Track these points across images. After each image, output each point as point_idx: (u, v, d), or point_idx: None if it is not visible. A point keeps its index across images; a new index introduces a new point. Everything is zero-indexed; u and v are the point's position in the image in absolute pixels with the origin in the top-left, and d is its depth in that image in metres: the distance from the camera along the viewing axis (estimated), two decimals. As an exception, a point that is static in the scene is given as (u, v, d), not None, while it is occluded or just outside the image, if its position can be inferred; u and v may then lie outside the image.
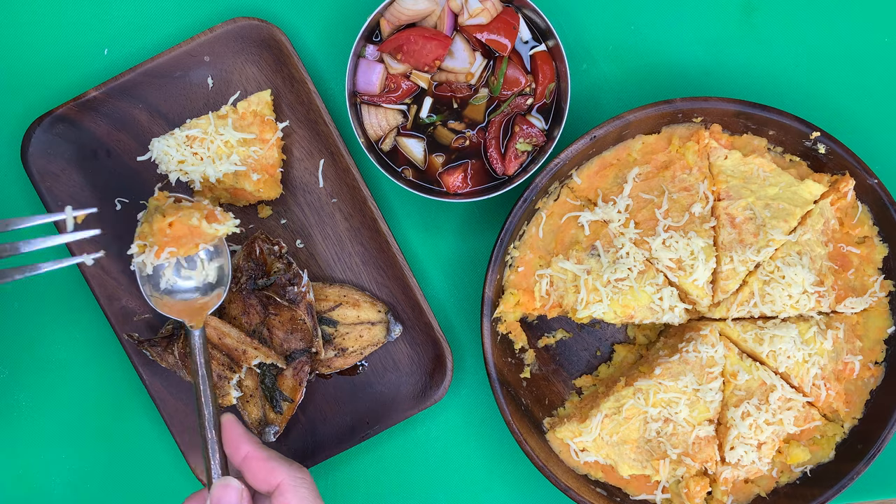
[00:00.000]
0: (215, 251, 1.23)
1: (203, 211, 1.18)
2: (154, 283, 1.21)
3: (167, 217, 1.15)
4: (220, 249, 1.23)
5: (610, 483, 1.28)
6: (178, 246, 1.17)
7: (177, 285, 1.22)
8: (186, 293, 1.22)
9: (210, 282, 1.23)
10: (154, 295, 1.21)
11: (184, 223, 1.16)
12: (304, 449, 1.32)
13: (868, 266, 1.26)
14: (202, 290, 1.22)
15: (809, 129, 1.23)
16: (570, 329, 1.33)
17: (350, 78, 1.23)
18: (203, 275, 1.22)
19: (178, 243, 1.17)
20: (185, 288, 1.22)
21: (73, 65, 1.34)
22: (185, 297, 1.22)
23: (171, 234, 1.16)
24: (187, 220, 1.16)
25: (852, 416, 1.26)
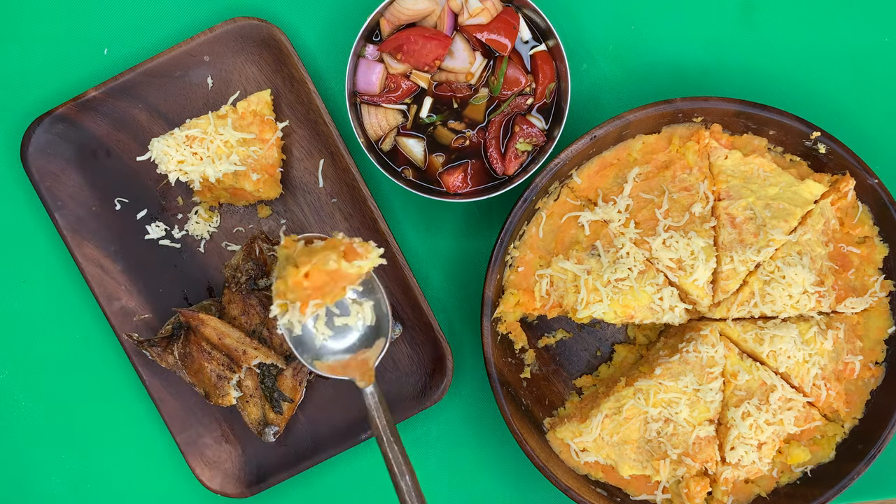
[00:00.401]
0: (366, 288, 1.12)
1: (340, 248, 1.03)
2: (307, 344, 1.12)
3: (301, 268, 1.00)
4: (369, 285, 1.13)
5: (610, 483, 1.28)
6: (321, 295, 1.02)
7: (332, 339, 1.12)
8: (345, 346, 1.12)
9: (369, 325, 1.12)
10: (311, 358, 1.12)
11: (321, 270, 1.01)
12: (304, 449, 1.32)
13: (868, 266, 1.26)
14: (363, 338, 1.12)
15: (810, 129, 1.23)
16: (571, 329, 1.33)
17: (350, 78, 1.23)
18: (358, 319, 1.12)
19: (320, 293, 1.02)
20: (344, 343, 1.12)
21: (72, 65, 1.34)
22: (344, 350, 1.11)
23: (309, 286, 1.01)
24: (323, 266, 1.00)
25: (853, 416, 1.26)
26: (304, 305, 1.02)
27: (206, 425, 1.31)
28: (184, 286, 1.32)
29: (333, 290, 1.03)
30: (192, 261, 1.32)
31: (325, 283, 1.02)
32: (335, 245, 1.03)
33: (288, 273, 1.01)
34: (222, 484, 1.30)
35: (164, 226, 1.31)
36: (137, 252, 1.31)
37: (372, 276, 1.12)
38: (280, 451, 1.32)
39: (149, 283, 1.31)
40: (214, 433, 1.32)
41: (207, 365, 1.24)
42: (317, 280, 1.01)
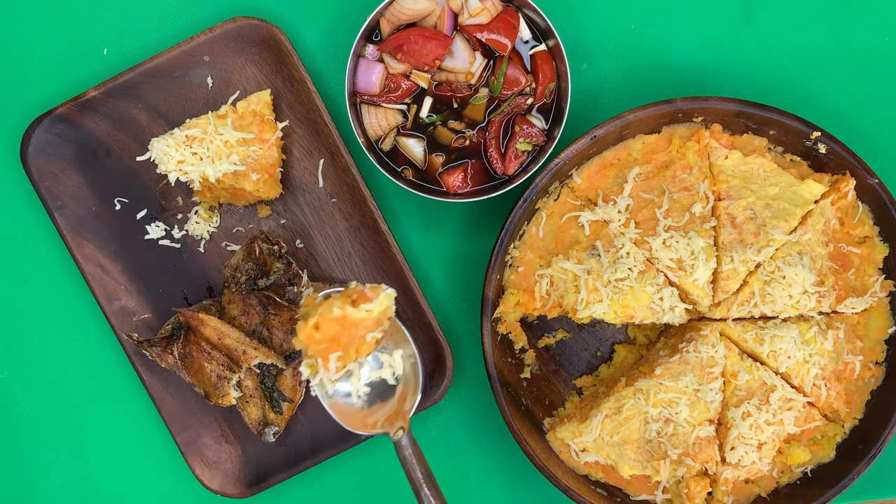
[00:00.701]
0: (393, 339, 1.10)
1: (350, 297, 1.00)
2: (345, 402, 1.09)
3: (309, 320, 0.99)
4: (397, 335, 1.10)
5: (610, 483, 1.28)
6: (340, 347, 1.01)
7: (370, 395, 1.09)
8: (382, 399, 1.09)
9: (402, 373, 1.09)
10: (344, 413, 1.08)
11: (328, 319, 0.99)
12: (304, 449, 1.31)
13: (868, 266, 1.26)
14: (396, 387, 1.10)
15: (810, 129, 1.23)
16: (571, 329, 1.33)
17: (350, 77, 1.23)
18: (391, 372, 1.09)
19: (338, 345, 1.01)
20: (381, 397, 1.09)
21: (72, 64, 1.34)
22: (379, 404, 1.09)
23: (322, 338, 1.00)
24: (329, 314, 0.99)
25: (853, 416, 1.26)
26: (325, 360, 1.00)
27: (205, 425, 1.31)
28: (184, 286, 1.32)
29: (352, 340, 1.01)
30: (191, 261, 1.32)
31: (338, 333, 1.00)
32: (348, 294, 1.02)
33: (298, 328, 1.00)
34: (222, 484, 1.30)
35: (163, 226, 1.31)
36: (137, 252, 1.31)
37: (396, 323, 1.09)
38: (280, 451, 1.32)
39: (149, 283, 1.31)
40: (214, 433, 1.32)
41: (207, 365, 1.24)
42: (328, 330, 1.00)
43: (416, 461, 1.04)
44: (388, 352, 1.10)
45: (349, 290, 1.01)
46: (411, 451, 1.04)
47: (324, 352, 1.00)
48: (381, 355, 1.10)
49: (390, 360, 1.09)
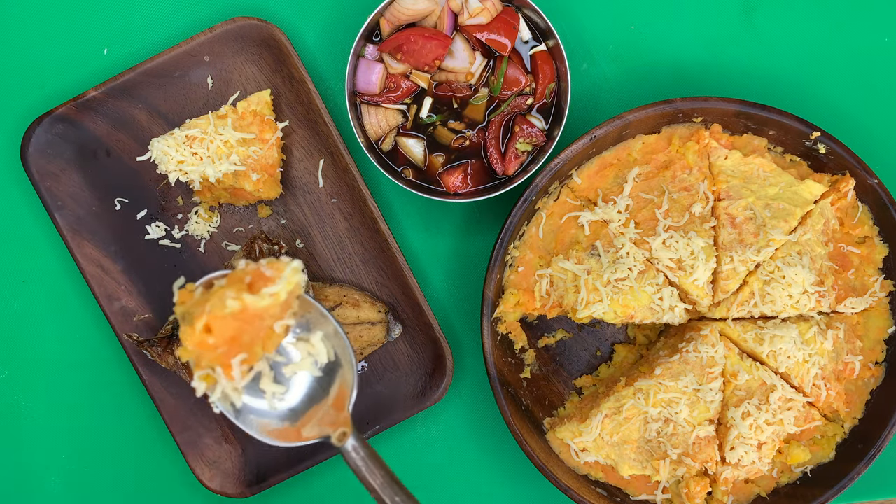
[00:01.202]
0: (306, 320, 0.89)
1: (244, 279, 0.81)
2: (258, 415, 0.89)
3: (196, 322, 0.79)
4: (309, 314, 0.89)
5: (610, 483, 1.27)
6: (243, 348, 0.81)
7: (292, 396, 0.88)
8: (306, 398, 0.89)
9: (328, 361, 0.89)
10: (268, 428, 0.88)
11: (221, 317, 0.79)
12: (304, 450, 1.31)
13: (868, 266, 1.26)
14: (325, 379, 0.90)
15: (809, 129, 1.23)
16: (571, 329, 1.33)
17: (350, 78, 1.23)
18: (312, 362, 0.89)
19: (239, 345, 0.81)
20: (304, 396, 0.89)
21: (72, 64, 1.33)
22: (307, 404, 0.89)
23: (219, 341, 0.80)
24: (221, 311, 0.79)
25: (852, 416, 1.26)
26: (227, 368, 0.80)
27: (206, 425, 1.31)
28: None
29: (256, 335, 0.81)
30: (192, 261, 1.32)
31: (237, 331, 0.79)
32: (238, 278, 0.81)
33: (183, 335, 0.78)
34: (222, 484, 1.30)
35: (164, 226, 1.31)
36: (137, 252, 1.31)
37: (306, 300, 0.88)
38: (280, 451, 1.31)
39: (149, 283, 1.31)
40: (214, 433, 1.32)
41: (207, 365, 1.24)
42: (224, 331, 0.79)
43: (370, 466, 0.88)
44: (303, 337, 0.90)
45: (238, 273, 0.81)
46: (363, 456, 0.88)
47: (222, 358, 0.80)
48: (296, 344, 0.89)
49: (308, 348, 0.89)
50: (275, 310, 0.82)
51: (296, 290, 0.84)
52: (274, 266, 0.82)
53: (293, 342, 0.90)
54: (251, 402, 0.89)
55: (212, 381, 0.83)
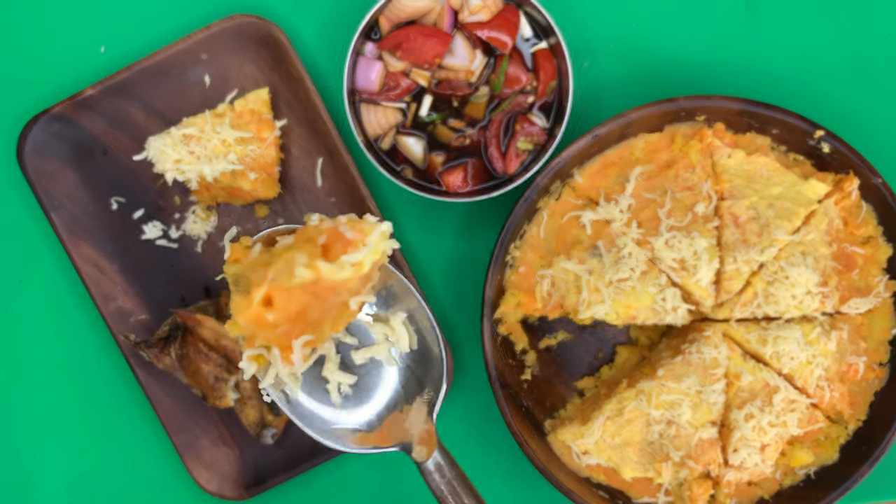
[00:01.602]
0: (388, 294, 0.72)
1: (318, 240, 0.64)
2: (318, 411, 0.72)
3: (254, 292, 0.63)
4: (393, 287, 0.72)
5: (612, 486, 1.27)
6: (310, 329, 0.64)
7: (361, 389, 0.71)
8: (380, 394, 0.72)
9: (410, 350, 0.73)
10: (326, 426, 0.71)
11: (287, 289, 0.62)
12: (303, 451, 1.31)
13: (872, 266, 1.26)
14: (405, 375, 0.72)
15: (813, 128, 1.23)
16: (572, 330, 1.32)
17: (349, 76, 1.22)
18: (389, 348, 0.73)
19: (304, 324, 0.64)
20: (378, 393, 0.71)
21: (69, 62, 1.33)
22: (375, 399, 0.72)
23: (280, 318, 0.64)
24: (286, 281, 0.63)
25: (856, 417, 1.26)
26: (286, 351, 0.65)
27: (203, 427, 1.31)
28: (181, 287, 1.31)
29: (328, 313, 0.65)
30: (189, 261, 1.31)
31: (306, 307, 0.64)
32: (309, 238, 0.65)
33: (236, 306, 0.64)
34: (220, 486, 1.30)
35: (161, 225, 1.31)
36: (134, 252, 1.31)
37: (390, 271, 0.72)
38: (278, 453, 1.31)
39: (145, 284, 1.31)
40: (212, 435, 1.31)
41: (205, 366, 1.24)
42: (288, 306, 0.63)
43: (457, 492, 0.69)
44: (380, 316, 0.72)
45: (309, 230, 0.64)
46: (449, 478, 0.69)
47: (282, 338, 0.64)
48: (371, 324, 0.72)
49: (386, 330, 0.72)
50: (353, 283, 0.64)
51: (381, 260, 0.67)
52: (357, 227, 0.65)
53: (368, 320, 0.72)
54: (309, 391, 0.72)
55: (264, 361, 0.66)
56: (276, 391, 0.73)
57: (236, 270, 0.67)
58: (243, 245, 0.69)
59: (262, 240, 0.70)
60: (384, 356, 0.75)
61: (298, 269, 0.63)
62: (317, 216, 0.69)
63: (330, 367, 0.73)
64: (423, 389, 0.76)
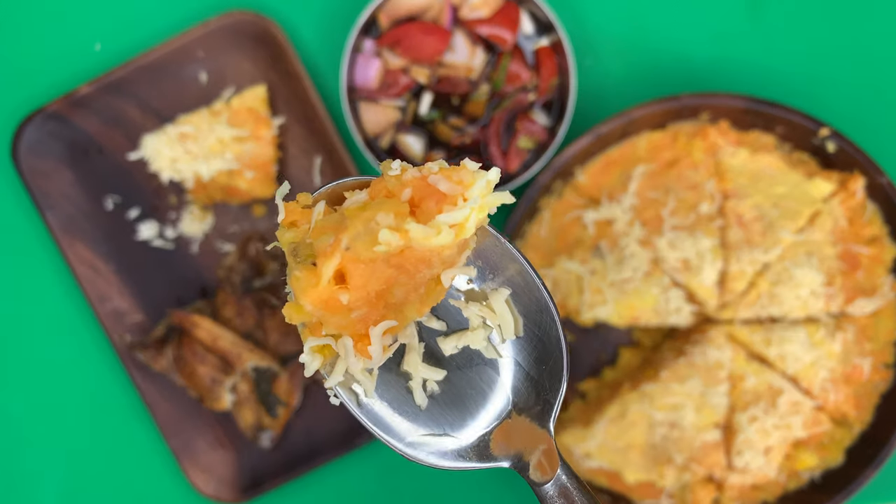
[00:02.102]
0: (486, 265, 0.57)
1: (400, 194, 0.52)
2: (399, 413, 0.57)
3: (323, 265, 0.50)
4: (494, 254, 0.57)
5: (615, 489, 1.26)
6: (393, 312, 0.53)
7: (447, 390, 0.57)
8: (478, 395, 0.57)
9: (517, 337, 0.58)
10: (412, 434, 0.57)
11: (364, 261, 0.50)
12: (301, 454, 1.30)
13: (878, 266, 1.25)
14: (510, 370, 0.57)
15: (818, 126, 1.22)
16: (574, 332, 1.31)
17: (347, 73, 1.21)
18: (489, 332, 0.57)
19: (386, 306, 0.53)
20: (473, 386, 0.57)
21: (64, 61, 1.32)
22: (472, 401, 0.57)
23: (357, 299, 0.51)
24: (367, 250, 0.50)
25: (862, 419, 1.25)
26: (361, 341, 0.53)
27: (199, 430, 1.30)
28: (177, 287, 1.30)
29: (415, 291, 0.53)
30: (185, 261, 1.30)
31: (390, 284, 0.51)
32: (390, 191, 0.52)
33: (299, 283, 0.51)
34: (217, 489, 1.29)
35: (156, 225, 1.30)
36: (130, 252, 1.30)
37: (486, 232, 0.57)
38: (275, 455, 1.30)
39: (141, 284, 1.30)
40: (208, 438, 1.30)
41: (201, 368, 1.23)
42: (367, 283, 0.50)
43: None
44: (474, 293, 0.57)
45: (389, 182, 0.51)
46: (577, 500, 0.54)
47: (356, 325, 0.52)
48: (463, 303, 0.57)
49: (484, 311, 0.56)
50: (448, 250, 0.52)
51: (484, 220, 0.54)
52: (453, 176, 0.51)
53: (459, 298, 0.57)
54: (385, 389, 0.58)
55: (330, 353, 0.54)
56: (345, 390, 0.58)
57: (294, 237, 0.53)
58: (301, 204, 0.55)
59: (326, 196, 0.55)
60: (481, 345, 0.58)
61: (383, 232, 0.49)
62: (398, 163, 0.54)
63: (413, 358, 0.58)
64: (535, 388, 0.59)
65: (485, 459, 0.59)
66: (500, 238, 0.58)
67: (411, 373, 0.58)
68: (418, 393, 0.58)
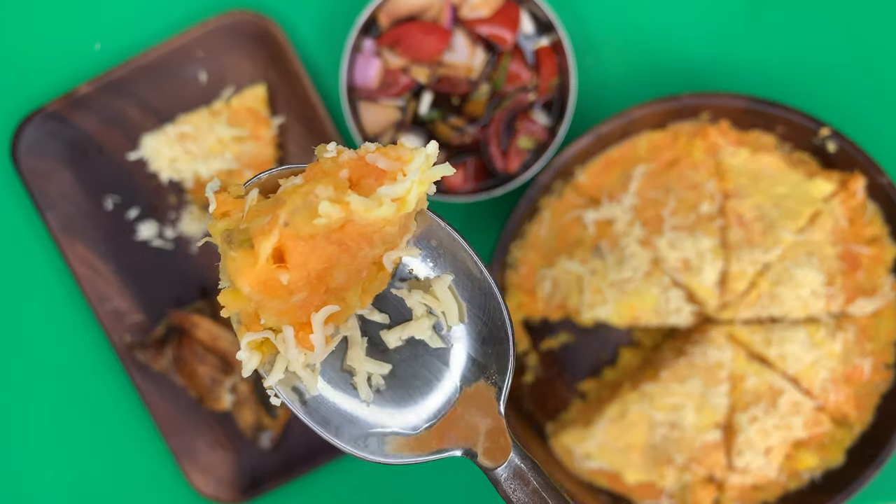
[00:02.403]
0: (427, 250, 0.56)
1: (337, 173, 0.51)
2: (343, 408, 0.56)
3: (259, 242, 0.48)
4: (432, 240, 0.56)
5: (615, 490, 1.26)
6: (334, 297, 0.51)
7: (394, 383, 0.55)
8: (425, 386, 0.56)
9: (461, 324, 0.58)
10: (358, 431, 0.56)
11: (304, 237, 0.49)
12: (300, 455, 1.30)
13: (878, 266, 1.25)
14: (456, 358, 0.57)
15: (818, 126, 1.21)
16: (574, 332, 1.31)
17: (347, 73, 1.21)
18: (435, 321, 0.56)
19: (327, 290, 0.50)
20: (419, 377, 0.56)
21: (63, 60, 1.31)
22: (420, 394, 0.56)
23: (296, 281, 0.49)
24: (306, 224, 0.49)
25: (862, 420, 1.25)
26: (302, 327, 0.50)
27: (199, 430, 1.30)
28: (176, 287, 1.30)
29: (356, 274, 0.50)
30: (184, 261, 1.30)
31: (331, 263, 0.49)
32: (326, 172, 0.51)
33: (235, 264, 0.48)
34: (216, 489, 1.29)
35: (156, 225, 1.30)
36: (129, 252, 1.30)
37: (427, 217, 0.56)
38: (275, 456, 1.30)
39: (141, 284, 1.30)
40: (208, 438, 1.30)
41: (201, 368, 1.23)
42: (308, 261, 0.48)
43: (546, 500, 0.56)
44: (416, 283, 0.56)
45: (325, 164, 0.50)
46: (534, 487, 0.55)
47: (296, 312, 0.49)
48: (405, 292, 0.56)
49: (428, 299, 0.56)
50: (390, 230, 0.50)
51: (423, 200, 0.53)
52: (391, 154, 0.50)
53: (401, 288, 0.56)
54: (330, 387, 0.56)
55: (269, 349, 0.52)
56: (286, 390, 0.55)
57: (227, 225, 0.51)
58: (233, 194, 0.52)
59: (259, 185, 0.54)
60: (426, 335, 0.57)
61: (323, 204, 0.47)
62: (333, 145, 0.53)
63: (356, 352, 0.56)
64: (483, 374, 0.58)
65: (435, 451, 0.58)
66: (441, 223, 0.58)
67: (355, 368, 0.56)
68: (363, 388, 0.56)
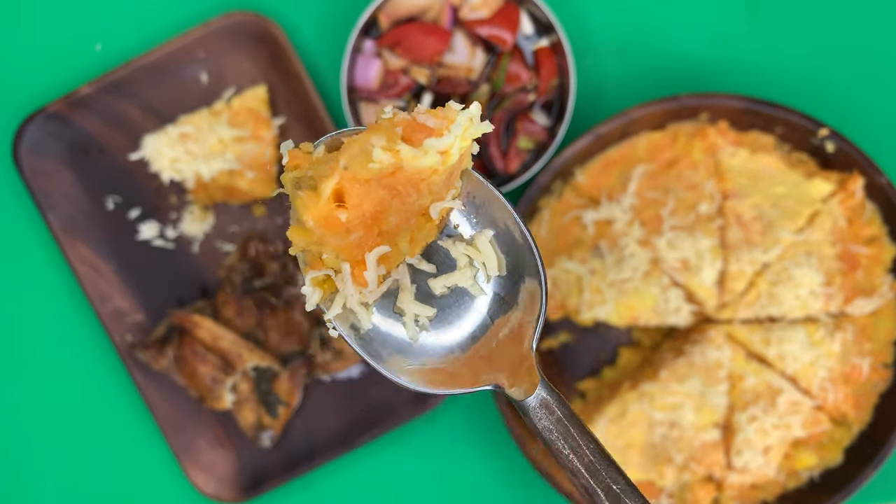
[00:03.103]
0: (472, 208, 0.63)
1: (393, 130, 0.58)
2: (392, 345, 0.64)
3: (322, 184, 0.55)
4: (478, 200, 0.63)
5: (614, 489, 1.26)
6: (386, 239, 0.59)
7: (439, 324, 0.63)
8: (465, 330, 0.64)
9: (500, 274, 0.63)
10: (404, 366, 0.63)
11: (363, 179, 0.56)
12: (300, 454, 1.30)
13: (877, 266, 1.25)
14: (494, 305, 0.64)
15: (817, 127, 1.22)
16: (574, 331, 1.31)
17: (347, 73, 1.21)
18: (476, 271, 0.63)
19: (380, 232, 0.58)
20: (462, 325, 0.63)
21: (64, 61, 1.31)
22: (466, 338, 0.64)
23: (354, 219, 0.56)
24: (362, 168, 0.55)
25: (861, 419, 1.25)
26: (358, 265, 0.57)
27: (200, 429, 1.30)
28: (177, 287, 1.30)
29: (406, 220, 0.57)
30: (185, 261, 1.30)
31: (383, 206, 0.56)
32: (384, 127, 0.58)
33: (302, 203, 0.56)
34: (217, 489, 1.29)
35: (157, 225, 1.30)
36: (131, 252, 1.30)
37: (475, 177, 0.63)
38: (276, 455, 1.30)
39: (142, 284, 1.30)
40: (209, 437, 1.30)
41: (201, 368, 1.23)
42: (363, 202, 0.55)
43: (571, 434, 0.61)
44: (461, 236, 0.63)
45: (383, 125, 0.58)
46: (558, 416, 0.61)
47: (353, 250, 0.57)
48: (451, 244, 0.63)
49: (471, 252, 0.62)
50: (435, 182, 0.56)
51: (467, 156, 0.59)
52: (438, 114, 0.58)
53: (448, 241, 0.62)
54: (383, 325, 0.63)
55: (329, 287, 0.58)
56: (344, 325, 0.62)
57: (297, 174, 0.58)
58: (304, 150, 0.60)
59: (327, 144, 0.61)
60: (468, 283, 0.64)
61: (376, 151, 0.54)
62: (391, 107, 0.61)
63: (406, 296, 0.63)
64: (518, 318, 0.65)
65: (468, 385, 0.65)
66: (484, 182, 0.64)
67: (404, 310, 0.64)
68: (411, 328, 0.64)
